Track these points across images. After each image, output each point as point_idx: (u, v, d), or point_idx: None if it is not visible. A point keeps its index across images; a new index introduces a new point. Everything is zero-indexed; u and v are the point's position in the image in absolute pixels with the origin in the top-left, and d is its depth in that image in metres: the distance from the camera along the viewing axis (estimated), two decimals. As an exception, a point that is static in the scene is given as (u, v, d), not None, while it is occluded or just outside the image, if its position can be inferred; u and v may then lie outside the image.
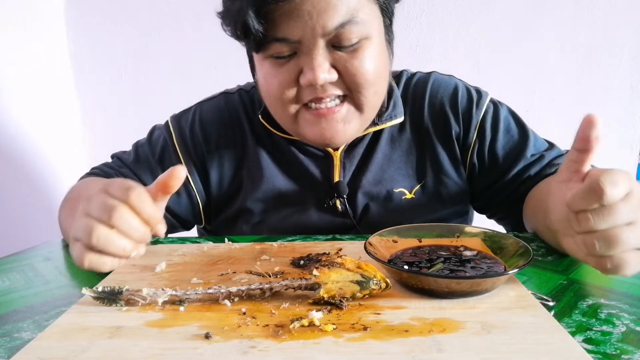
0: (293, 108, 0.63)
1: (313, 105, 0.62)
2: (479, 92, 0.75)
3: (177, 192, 0.75)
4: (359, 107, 0.63)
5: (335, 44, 0.58)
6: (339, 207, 0.73)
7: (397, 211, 0.57)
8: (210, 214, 0.80)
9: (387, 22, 0.65)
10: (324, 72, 0.58)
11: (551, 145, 0.74)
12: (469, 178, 0.76)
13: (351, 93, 0.62)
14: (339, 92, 0.61)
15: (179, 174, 0.48)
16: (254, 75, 0.70)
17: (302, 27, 0.56)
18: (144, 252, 0.48)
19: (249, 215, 0.75)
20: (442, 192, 0.74)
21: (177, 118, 0.78)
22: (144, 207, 0.45)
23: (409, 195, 0.73)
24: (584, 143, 0.46)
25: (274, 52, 0.60)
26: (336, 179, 0.73)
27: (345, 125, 0.63)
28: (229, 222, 0.77)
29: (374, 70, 0.61)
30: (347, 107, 0.63)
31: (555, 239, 0.60)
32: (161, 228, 0.47)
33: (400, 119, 0.73)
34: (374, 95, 0.63)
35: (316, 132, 0.63)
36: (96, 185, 0.71)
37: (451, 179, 0.74)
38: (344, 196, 0.72)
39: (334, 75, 0.60)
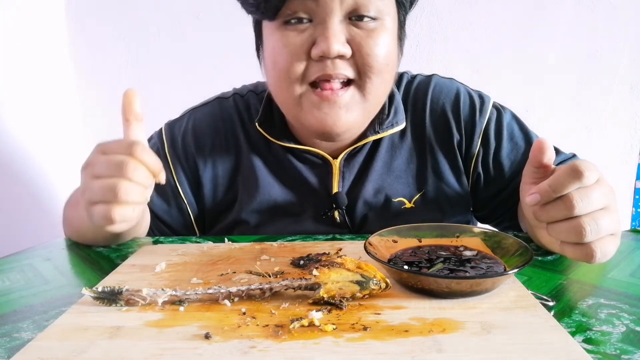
0: (299, 88, 0.61)
1: (319, 86, 0.60)
2: (481, 97, 0.73)
3: (168, 203, 0.75)
4: (364, 93, 0.61)
5: (353, 14, 0.58)
6: (338, 218, 0.71)
7: (396, 221, 0.58)
8: (203, 226, 0.77)
9: (401, 18, 0.64)
10: (338, 43, 0.56)
11: (556, 151, 0.71)
12: (473, 188, 0.74)
13: (360, 77, 0.60)
14: (348, 73, 0.59)
15: (130, 96, 0.52)
16: (259, 55, 0.68)
17: None
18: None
19: (244, 227, 0.73)
20: (443, 202, 0.72)
21: (171, 126, 0.76)
22: (149, 159, 0.50)
23: (408, 205, 0.72)
24: (537, 164, 0.49)
25: (289, 13, 0.58)
26: (335, 189, 0.71)
27: (348, 113, 0.61)
28: (224, 233, 0.75)
29: (385, 56, 0.60)
30: (352, 92, 0.61)
31: (533, 234, 0.60)
32: (162, 176, 0.52)
33: (402, 126, 0.71)
34: (381, 83, 0.62)
35: (318, 117, 0.61)
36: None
37: (452, 189, 0.72)
38: (343, 207, 0.71)
39: (348, 50, 0.58)
